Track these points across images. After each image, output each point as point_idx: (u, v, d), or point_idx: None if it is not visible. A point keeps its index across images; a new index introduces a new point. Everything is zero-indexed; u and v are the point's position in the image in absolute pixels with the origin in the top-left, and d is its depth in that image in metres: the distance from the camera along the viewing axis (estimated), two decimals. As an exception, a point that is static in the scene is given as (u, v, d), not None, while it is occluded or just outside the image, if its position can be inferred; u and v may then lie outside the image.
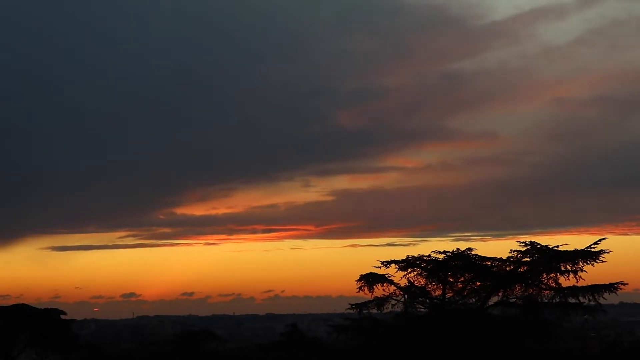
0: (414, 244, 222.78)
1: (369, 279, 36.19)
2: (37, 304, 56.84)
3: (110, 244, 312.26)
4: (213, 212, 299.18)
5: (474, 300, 36.12)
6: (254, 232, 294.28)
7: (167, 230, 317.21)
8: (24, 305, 54.82)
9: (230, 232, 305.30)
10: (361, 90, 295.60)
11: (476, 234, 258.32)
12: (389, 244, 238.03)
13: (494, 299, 35.96)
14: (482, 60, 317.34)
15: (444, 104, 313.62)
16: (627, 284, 34.01)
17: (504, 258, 35.70)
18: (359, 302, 36.86)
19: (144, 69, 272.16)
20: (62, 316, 54.12)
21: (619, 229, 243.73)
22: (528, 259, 35.33)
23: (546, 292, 34.86)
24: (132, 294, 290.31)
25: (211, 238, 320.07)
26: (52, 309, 54.39)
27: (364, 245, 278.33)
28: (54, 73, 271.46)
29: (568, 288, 34.49)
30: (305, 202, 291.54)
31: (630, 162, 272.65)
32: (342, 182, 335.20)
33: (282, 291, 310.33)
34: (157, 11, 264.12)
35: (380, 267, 36.31)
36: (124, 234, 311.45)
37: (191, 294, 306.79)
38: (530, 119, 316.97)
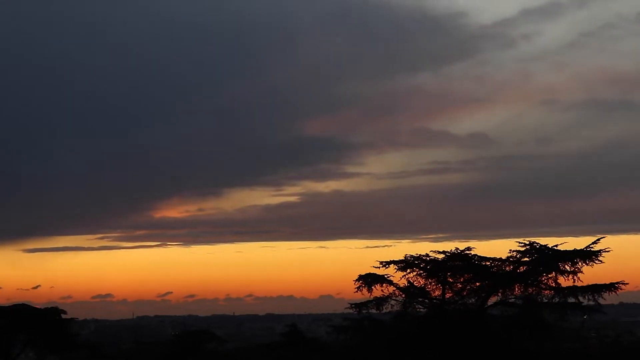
0: (389, 246, 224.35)
1: (368, 279, 36.06)
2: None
3: (85, 246, 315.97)
4: (187, 215, 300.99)
5: (473, 300, 36.03)
6: (227, 234, 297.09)
7: (142, 232, 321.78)
8: (23, 304, 54.76)
9: (204, 234, 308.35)
10: (336, 95, 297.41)
11: (454, 234, 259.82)
12: (367, 247, 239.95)
13: (493, 299, 35.87)
14: (473, 63, 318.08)
15: (432, 106, 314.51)
16: (627, 283, 33.92)
17: (503, 258, 35.64)
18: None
19: (121, 77, 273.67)
20: (62, 316, 54.08)
21: (606, 228, 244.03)
22: (527, 259, 35.26)
23: (546, 292, 34.79)
24: (108, 295, 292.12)
25: (185, 240, 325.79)
26: (51, 308, 54.31)
27: (338, 247, 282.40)
28: (39, 78, 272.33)
29: (568, 288, 34.39)
30: (277, 205, 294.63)
31: (620, 162, 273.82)
32: (314, 186, 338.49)
33: (250, 294, 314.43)
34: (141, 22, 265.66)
35: (379, 268, 36.19)
36: (99, 236, 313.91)
37: (166, 294, 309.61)
38: (520, 121, 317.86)
